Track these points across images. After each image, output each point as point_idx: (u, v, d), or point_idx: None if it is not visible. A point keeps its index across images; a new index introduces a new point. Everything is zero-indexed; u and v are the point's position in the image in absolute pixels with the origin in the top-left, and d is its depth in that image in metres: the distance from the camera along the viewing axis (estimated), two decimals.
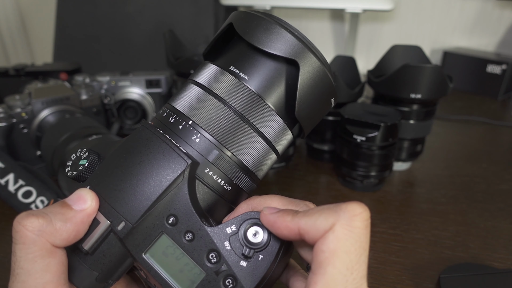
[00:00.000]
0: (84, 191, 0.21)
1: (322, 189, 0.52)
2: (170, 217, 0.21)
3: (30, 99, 0.52)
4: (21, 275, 0.20)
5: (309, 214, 0.20)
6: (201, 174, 0.22)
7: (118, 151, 0.23)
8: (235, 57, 0.24)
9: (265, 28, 0.23)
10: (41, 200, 0.45)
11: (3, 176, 0.45)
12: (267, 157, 0.25)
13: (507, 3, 0.93)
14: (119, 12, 0.84)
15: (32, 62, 0.83)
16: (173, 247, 0.21)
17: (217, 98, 0.23)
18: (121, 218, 0.21)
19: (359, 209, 0.19)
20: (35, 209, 0.21)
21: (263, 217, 0.21)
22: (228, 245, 0.21)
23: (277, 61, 0.24)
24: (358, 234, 0.19)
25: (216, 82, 0.23)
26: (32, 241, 0.19)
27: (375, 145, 0.47)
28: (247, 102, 0.23)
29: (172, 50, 0.60)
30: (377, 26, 1.00)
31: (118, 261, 0.22)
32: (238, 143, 0.23)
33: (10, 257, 0.19)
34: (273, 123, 0.24)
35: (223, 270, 0.21)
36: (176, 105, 0.24)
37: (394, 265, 0.39)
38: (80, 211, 0.21)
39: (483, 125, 0.73)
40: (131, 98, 0.64)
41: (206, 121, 0.23)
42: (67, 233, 0.20)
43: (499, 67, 0.85)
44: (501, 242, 0.42)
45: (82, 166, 0.23)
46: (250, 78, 0.23)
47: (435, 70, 0.47)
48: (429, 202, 0.49)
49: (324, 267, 0.19)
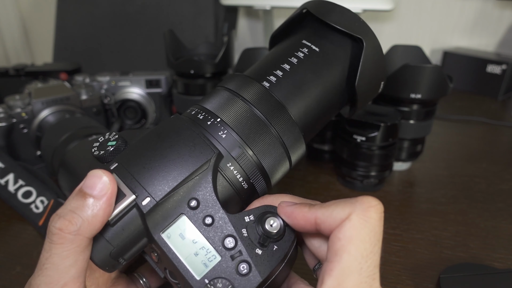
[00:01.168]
0: (97, 173, 0.21)
1: (322, 189, 0.52)
2: (192, 200, 0.22)
3: (30, 99, 0.52)
4: (50, 269, 0.20)
5: (326, 206, 0.21)
6: (224, 168, 0.24)
7: (148, 136, 0.24)
8: (307, 34, 0.29)
9: (338, 11, 0.28)
10: (41, 200, 0.45)
11: (3, 176, 0.45)
12: (282, 164, 0.26)
13: (507, 3, 0.93)
14: (119, 12, 0.84)
15: (32, 62, 0.83)
16: (191, 230, 0.22)
17: (245, 101, 0.25)
18: (146, 194, 0.22)
19: (374, 202, 0.21)
20: (60, 208, 0.21)
21: (281, 208, 0.23)
22: (246, 232, 0.22)
23: (344, 38, 0.28)
24: (373, 224, 0.20)
25: (245, 88, 0.26)
26: (70, 240, 0.20)
27: (375, 145, 0.47)
28: (272, 109, 0.25)
29: (172, 50, 0.60)
30: (377, 26, 1.00)
31: (135, 238, 0.22)
32: (260, 143, 0.25)
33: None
34: (292, 133, 0.26)
35: (238, 256, 0.21)
36: (205, 105, 0.26)
37: (394, 265, 0.39)
38: (103, 196, 0.21)
39: (483, 125, 0.73)
40: (131, 98, 0.64)
41: (233, 120, 0.24)
42: (99, 221, 0.21)
43: (499, 67, 0.85)
44: (501, 242, 0.42)
45: (110, 147, 0.23)
46: (320, 50, 0.28)
47: (435, 70, 0.47)
48: (429, 202, 0.49)
49: (340, 254, 0.20)
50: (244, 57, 0.55)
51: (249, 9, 1.05)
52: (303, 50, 0.28)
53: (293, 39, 0.29)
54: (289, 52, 0.28)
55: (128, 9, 0.84)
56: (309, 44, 0.28)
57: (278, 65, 0.27)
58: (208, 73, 0.58)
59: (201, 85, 0.59)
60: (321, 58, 0.28)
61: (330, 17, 0.27)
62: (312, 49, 0.28)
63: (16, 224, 0.46)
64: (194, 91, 0.60)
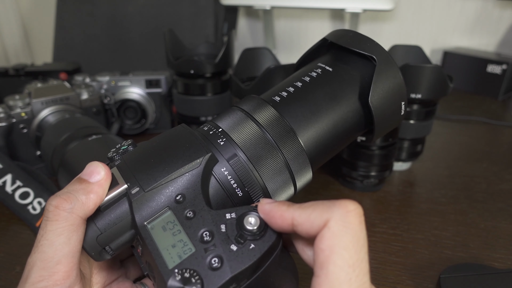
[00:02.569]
0: (95, 164, 0.24)
1: (322, 189, 0.52)
2: (179, 195, 0.23)
3: (30, 99, 0.52)
4: (44, 246, 0.22)
5: (303, 207, 0.21)
6: (217, 171, 0.24)
7: (152, 139, 0.26)
8: (323, 58, 0.30)
9: (351, 36, 0.29)
10: (39, 201, 0.45)
11: (1, 177, 0.45)
12: (286, 189, 0.27)
13: (507, 3, 0.93)
14: (119, 12, 0.84)
15: (32, 62, 0.83)
16: (173, 223, 0.22)
17: (256, 123, 0.26)
18: (137, 183, 0.23)
19: (353, 206, 0.20)
20: (59, 191, 0.23)
21: (260, 206, 0.22)
22: (224, 228, 0.22)
23: (357, 59, 0.29)
24: (354, 229, 0.19)
25: (258, 111, 0.27)
26: (64, 218, 0.22)
27: (375, 145, 0.47)
28: (282, 133, 0.26)
29: (172, 50, 0.60)
30: (377, 26, 1.00)
31: (122, 227, 0.23)
32: (267, 167, 0.25)
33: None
34: (300, 159, 0.26)
35: (212, 250, 0.21)
36: (219, 123, 0.27)
37: (394, 265, 0.39)
38: (98, 182, 0.23)
39: (483, 125, 0.73)
40: (131, 98, 0.64)
41: (242, 140, 0.25)
42: (92, 203, 0.22)
43: (499, 67, 0.85)
44: (501, 242, 0.42)
45: (122, 150, 0.26)
46: (334, 70, 0.28)
47: (435, 70, 0.47)
48: (429, 202, 0.49)
49: (326, 266, 0.19)
50: (244, 57, 0.55)
51: (249, 9, 1.05)
52: (317, 70, 0.29)
53: (310, 64, 0.30)
54: (303, 73, 0.29)
55: (128, 9, 0.84)
56: (323, 65, 0.29)
57: (291, 83, 0.28)
58: (208, 73, 0.58)
59: (201, 85, 0.59)
60: (334, 76, 0.28)
61: (343, 40, 0.29)
62: (326, 69, 0.29)
63: (15, 224, 0.46)
64: (194, 91, 0.60)
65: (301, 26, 1.04)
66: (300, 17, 1.04)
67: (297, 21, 1.04)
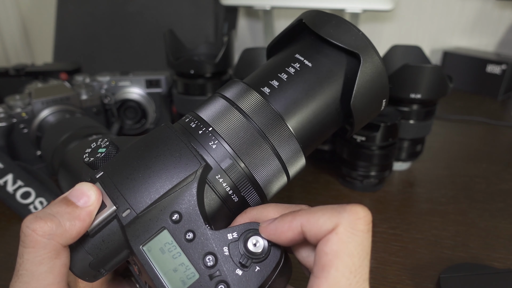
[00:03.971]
0: (86, 186, 0.21)
1: (322, 189, 0.52)
2: (174, 213, 0.21)
3: (30, 99, 0.52)
4: (25, 276, 0.20)
5: (312, 212, 0.20)
6: (212, 180, 0.23)
7: (136, 144, 0.23)
8: (302, 47, 0.27)
9: (334, 24, 0.26)
10: (40, 201, 0.45)
11: (2, 177, 0.45)
12: (278, 178, 0.25)
13: (507, 3, 0.93)
14: (119, 12, 0.84)
15: (32, 62, 0.83)
16: (171, 245, 0.21)
17: (240, 112, 0.24)
18: (127, 206, 0.21)
19: (363, 212, 0.19)
20: (40, 211, 0.21)
21: (263, 230, 0.21)
22: (227, 251, 0.21)
23: (340, 53, 0.26)
24: (361, 237, 0.19)
25: (242, 98, 0.25)
26: (43, 245, 0.19)
27: (375, 145, 0.47)
28: (269, 121, 0.24)
29: (172, 50, 0.60)
30: (377, 26, 1.00)
31: (115, 250, 0.22)
32: (253, 156, 0.23)
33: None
34: (290, 145, 0.25)
35: (217, 275, 0.20)
36: (199, 113, 0.25)
37: (394, 265, 0.39)
38: (86, 207, 0.21)
39: (483, 125, 0.73)
40: (131, 98, 0.64)
41: (225, 131, 0.23)
42: (76, 231, 0.20)
43: (499, 67, 0.85)
44: (501, 242, 0.42)
45: (100, 154, 0.23)
46: (313, 66, 0.26)
47: (435, 70, 0.47)
48: (429, 202, 0.49)
49: (327, 270, 0.19)
50: (244, 57, 0.55)
51: (249, 9, 1.05)
52: (295, 65, 0.26)
53: (287, 52, 0.27)
54: (280, 67, 0.26)
55: (128, 9, 0.84)
56: (302, 58, 0.26)
57: (267, 81, 0.26)
58: (208, 73, 0.58)
59: (201, 85, 0.59)
60: (314, 74, 0.26)
61: (325, 29, 0.26)
62: (305, 64, 0.26)
63: (16, 224, 0.46)
64: (194, 91, 0.60)
65: None
66: None
67: None
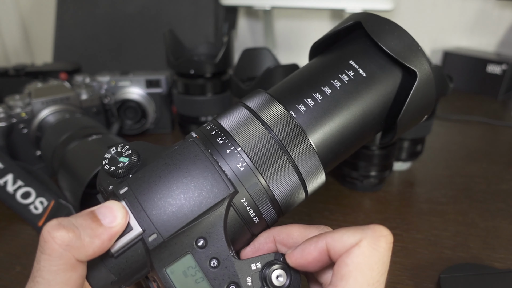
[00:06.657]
0: (116, 206, 0.21)
1: (322, 189, 0.52)
2: (200, 239, 0.21)
3: (30, 99, 0.52)
4: (41, 284, 0.19)
5: (336, 231, 0.21)
6: (237, 204, 0.22)
7: (164, 160, 0.23)
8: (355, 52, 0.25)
9: (396, 35, 0.24)
10: (40, 201, 0.44)
11: (2, 177, 0.45)
12: (296, 193, 0.24)
13: (507, 3, 0.93)
14: (119, 12, 0.84)
15: (32, 62, 0.83)
16: (195, 269, 0.21)
17: (262, 123, 0.23)
18: (154, 230, 0.21)
19: (386, 232, 0.21)
20: (64, 218, 0.20)
21: (290, 258, 0.22)
22: (250, 281, 0.21)
23: (395, 67, 0.25)
24: (382, 254, 0.20)
25: (265, 109, 0.24)
26: (59, 255, 0.19)
27: (375, 145, 0.47)
28: (290, 134, 0.23)
29: (172, 50, 0.60)
30: None
31: (137, 269, 0.22)
32: (271, 169, 0.23)
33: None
34: (310, 161, 0.24)
35: None
36: (222, 122, 0.24)
37: (394, 265, 0.39)
38: (109, 228, 0.20)
39: (483, 125, 0.73)
40: (131, 98, 0.64)
41: (247, 143, 0.23)
42: (93, 249, 0.20)
43: (499, 67, 0.85)
44: (501, 242, 0.42)
45: (122, 164, 0.22)
46: (368, 76, 0.24)
47: (435, 70, 0.47)
48: (429, 202, 0.49)
49: (346, 279, 0.20)
50: (244, 57, 0.55)
51: (249, 9, 1.05)
52: (349, 73, 0.24)
53: (338, 56, 0.25)
54: (332, 72, 0.25)
55: (128, 9, 0.84)
56: (356, 66, 0.24)
57: (319, 86, 0.24)
58: (208, 73, 0.58)
59: (201, 85, 0.59)
60: (366, 87, 0.24)
61: (386, 40, 0.24)
62: (359, 73, 0.24)
63: (16, 224, 0.46)
64: (194, 91, 0.60)
65: (301, 26, 1.04)
66: (300, 17, 1.04)
67: (297, 21, 1.04)
